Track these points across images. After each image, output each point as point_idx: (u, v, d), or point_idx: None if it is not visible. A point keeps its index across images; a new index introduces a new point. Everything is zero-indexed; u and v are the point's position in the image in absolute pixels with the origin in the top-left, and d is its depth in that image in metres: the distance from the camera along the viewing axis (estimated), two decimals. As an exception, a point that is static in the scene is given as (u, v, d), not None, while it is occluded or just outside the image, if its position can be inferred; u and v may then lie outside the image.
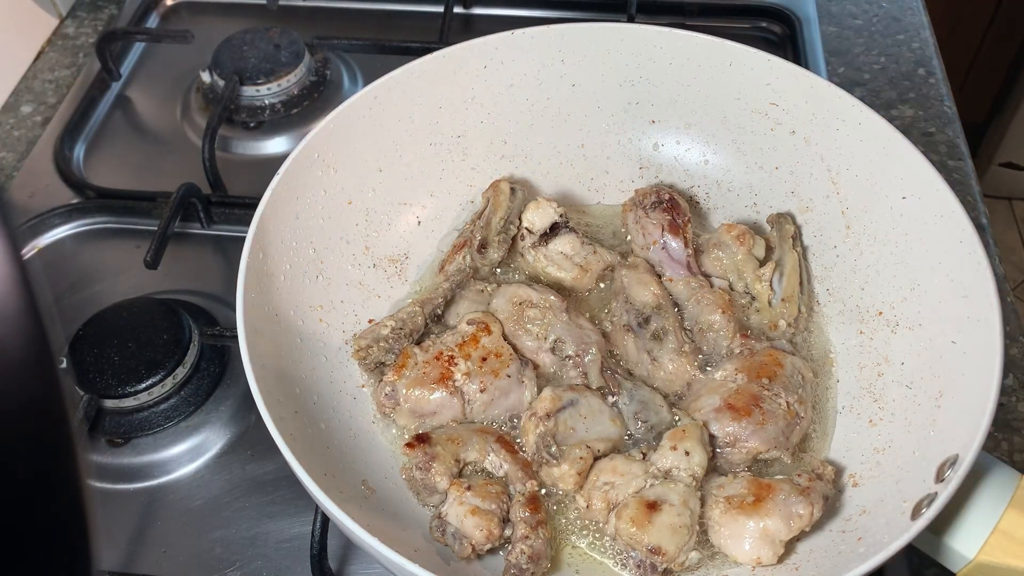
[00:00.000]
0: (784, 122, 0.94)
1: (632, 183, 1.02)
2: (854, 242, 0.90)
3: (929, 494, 0.68)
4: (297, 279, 0.86)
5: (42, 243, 1.11)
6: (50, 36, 1.37)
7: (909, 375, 0.81)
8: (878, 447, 0.79)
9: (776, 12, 1.33)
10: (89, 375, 0.92)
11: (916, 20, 1.34)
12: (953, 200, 0.80)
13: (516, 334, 0.87)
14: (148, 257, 1.00)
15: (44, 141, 1.21)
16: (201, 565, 0.85)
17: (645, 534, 0.73)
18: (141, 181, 1.17)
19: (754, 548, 0.74)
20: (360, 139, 0.92)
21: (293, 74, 1.23)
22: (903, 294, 0.84)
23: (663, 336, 0.87)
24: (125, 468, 0.91)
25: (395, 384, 0.83)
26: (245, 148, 1.22)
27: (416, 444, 0.79)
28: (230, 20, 1.38)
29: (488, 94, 0.98)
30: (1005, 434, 0.92)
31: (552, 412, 0.80)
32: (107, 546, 0.86)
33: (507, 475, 0.79)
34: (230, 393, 0.96)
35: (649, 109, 1.00)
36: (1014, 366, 0.97)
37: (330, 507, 0.66)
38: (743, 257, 0.92)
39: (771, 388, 0.82)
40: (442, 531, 0.76)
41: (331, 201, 0.91)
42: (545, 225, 0.94)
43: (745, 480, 0.78)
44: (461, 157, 1.00)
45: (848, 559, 0.69)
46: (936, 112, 1.22)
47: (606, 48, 0.98)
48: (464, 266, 0.92)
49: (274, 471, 0.90)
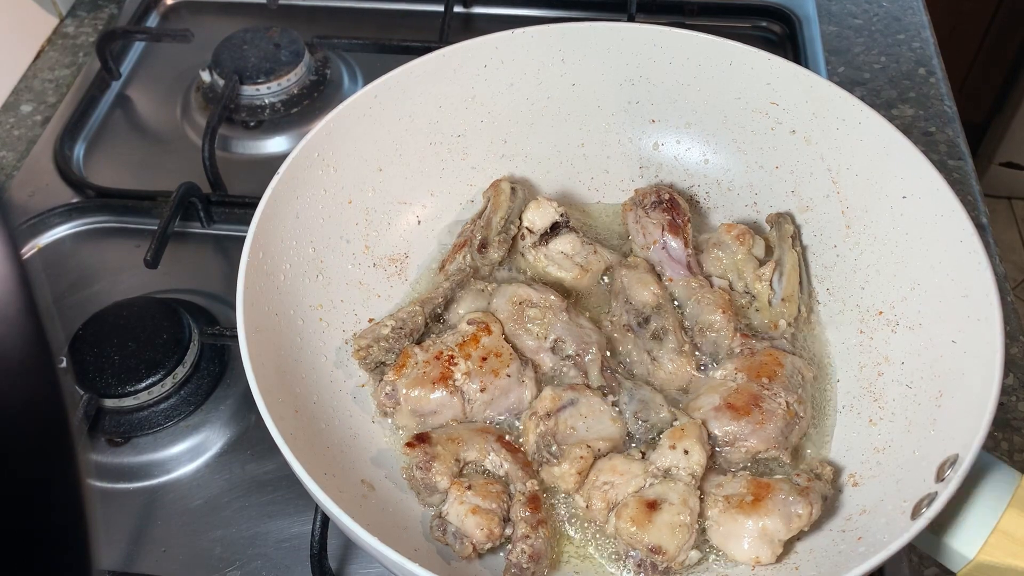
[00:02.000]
0: (784, 121, 0.94)
1: (632, 182, 1.02)
2: (854, 241, 0.90)
3: (929, 494, 0.67)
4: (297, 278, 0.86)
5: (42, 242, 1.11)
6: (50, 35, 1.37)
7: (909, 374, 0.81)
8: (878, 447, 0.79)
9: (776, 11, 1.33)
10: (89, 374, 0.92)
11: (916, 19, 1.34)
12: (953, 199, 0.80)
13: (516, 334, 0.87)
14: (148, 256, 1.00)
15: (44, 140, 1.21)
16: (201, 565, 0.85)
17: (645, 533, 0.73)
18: (141, 180, 1.17)
19: (753, 547, 0.74)
20: (360, 138, 0.92)
21: (293, 73, 1.23)
22: (903, 293, 0.84)
23: (663, 336, 0.87)
24: (125, 467, 0.91)
25: (395, 384, 0.83)
26: (245, 147, 1.22)
27: (416, 444, 0.79)
28: (230, 19, 1.38)
29: (488, 93, 0.98)
30: (1005, 433, 0.92)
31: (552, 412, 0.80)
32: (107, 545, 0.86)
33: (507, 474, 0.79)
34: (230, 392, 0.96)
35: (649, 108, 1.00)
36: (1014, 365, 0.97)
37: (330, 506, 0.66)
38: (743, 257, 0.92)
39: (771, 388, 0.82)
40: (443, 530, 0.76)
41: (331, 200, 0.91)
42: (546, 225, 0.94)
43: (744, 479, 0.78)
44: (461, 156, 1.00)
45: (848, 559, 0.69)
46: (936, 111, 1.22)
47: (606, 47, 0.98)
48: (464, 266, 0.92)
49: (274, 471, 0.90)
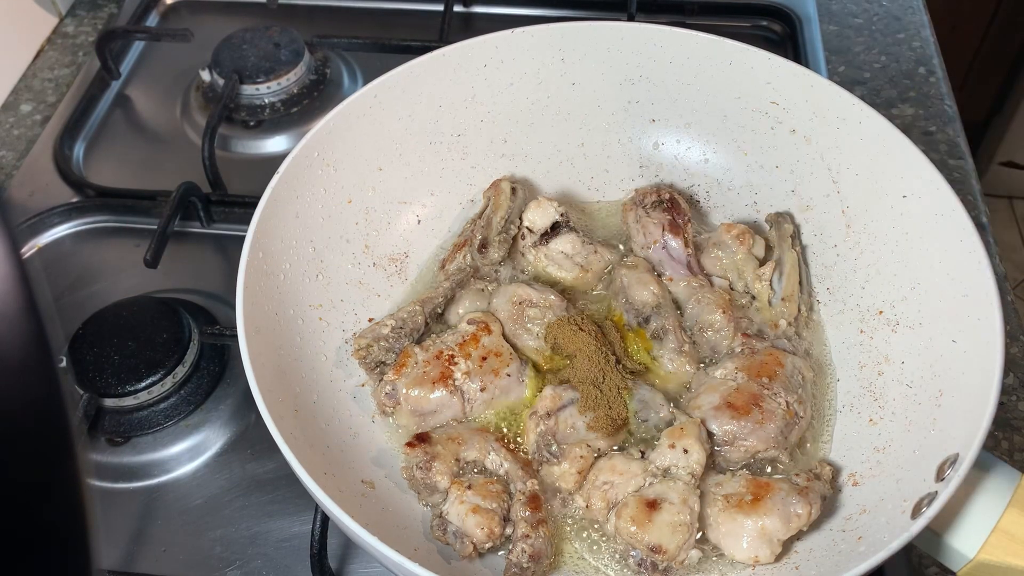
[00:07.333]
0: (784, 121, 0.94)
1: (632, 182, 1.02)
2: (854, 241, 0.90)
3: (929, 493, 0.67)
4: (297, 278, 0.86)
5: (42, 242, 1.11)
6: (50, 35, 1.37)
7: (909, 374, 0.81)
8: (878, 446, 0.79)
9: (776, 11, 1.33)
10: (89, 374, 0.92)
11: (916, 19, 1.34)
12: (953, 199, 0.80)
13: (516, 333, 0.87)
14: (148, 256, 1.00)
15: (44, 140, 1.21)
16: (201, 564, 0.85)
17: (645, 533, 0.73)
18: (141, 180, 1.17)
19: (752, 547, 0.74)
20: (360, 138, 0.92)
21: (293, 73, 1.23)
22: (903, 293, 0.84)
23: (663, 335, 0.87)
24: (125, 467, 0.91)
25: (395, 383, 0.83)
26: (245, 147, 1.22)
27: (416, 443, 0.79)
28: (230, 19, 1.38)
29: (488, 93, 0.98)
30: (1005, 433, 0.92)
31: (552, 411, 0.80)
32: (107, 545, 0.86)
33: (508, 474, 0.79)
34: (230, 392, 0.96)
35: (649, 108, 1.00)
36: (1014, 365, 0.97)
37: (330, 506, 0.66)
38: (743, 256, 0.92)
39: (771, 387, 0.82)
40: (443, 530, 0.76)
41: (331, 200, 0.91)
42: (546, 224, 0.93)
43: (743, 479, 0.78)
44: (461, 156, 1.00)
45: (848, 558, 0.69)
46: (936, 111, 1.22)
47: (606, 47, 0.98)
48: (464, 265, 0.92)
49: (274, 470, 0.90)
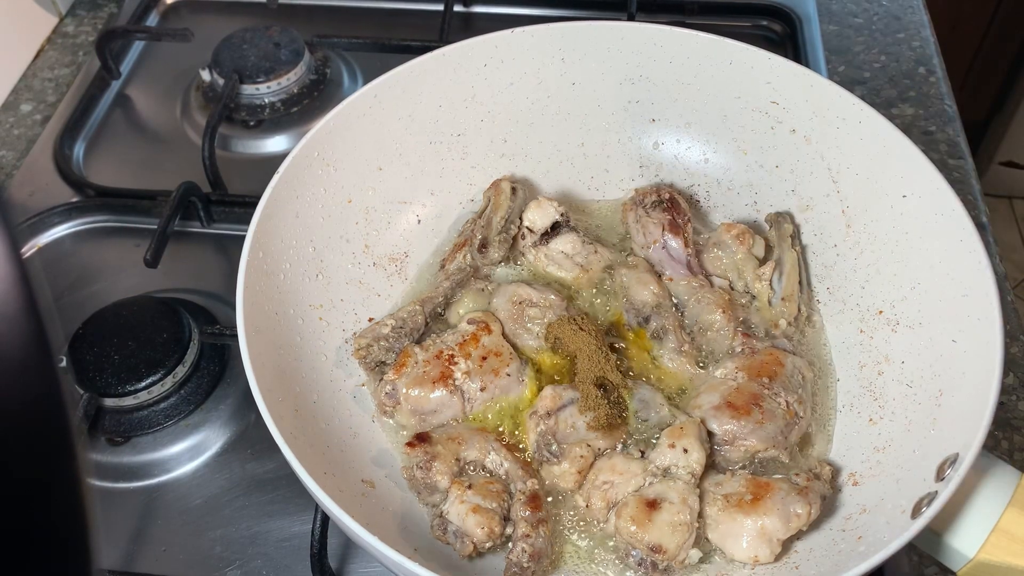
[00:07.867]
0: (784, 121, 0.94)
1: (632, 182, 1.02)
2: (854, 241, 0.90)
3: (929, 493, 0.67)
4: (297, 278, 0.86)
5: (42, 242, 1.11)
6: (50, 34, 1.37)
7: (909, 374, 0.81)
8: (878, 446, 0.79)
9: (776, 11, 1.33)
10: (89, 374, 0.92)
11: (916, 19, 1.34)
12: (953, 199, 0.80)
13: (516, 333, 0.87)
14: (148, 256, 1.00)
15: (44, 140, 1.21)
16: (201, 564, 0.85)
17: (645, 532, 0.73)
18: (141, 180, 1.17)
19: (751, 546, 0.74)
20: (360, 138, 0.92)
21: (293, 72, 1.23)
22: (903, 293, 0.84)
23: (663, 335, 0.87)
24: (125, 467, 0.91)
25: (395, 383, 0.83)
26: (245, 147, 1.22)
27: (417, 443, 0.79)
28: (230, 18, 1.38)
29: (488, 93, 0.98)
30: (1005, 433, 0.92)
31: (552, 411, 0.80)
32: (107, 545, 0.86)
33: (508, 473, 0.79)
34: (230, 392, 0.96)
35: (649, 108, 1.00)
36: (1014, 365, 0.97)
37: (330, 506, 0.66)
38: (743, 256, 0.92)
39: (771, 387, 0.82)
40: (443, 529, 0.76)
41: (331, 200, 0.91)
42: (546, 224, 0.93)
43: (743, 479, 0.78)
44: (461, 156, 1.00)
45: (848, 558, 0.69)
46: (936, 111, 1.22)
47: (606, 46, 0.97)
48: (464, 265, 0.92)
49: (274, 470, 0.90)
